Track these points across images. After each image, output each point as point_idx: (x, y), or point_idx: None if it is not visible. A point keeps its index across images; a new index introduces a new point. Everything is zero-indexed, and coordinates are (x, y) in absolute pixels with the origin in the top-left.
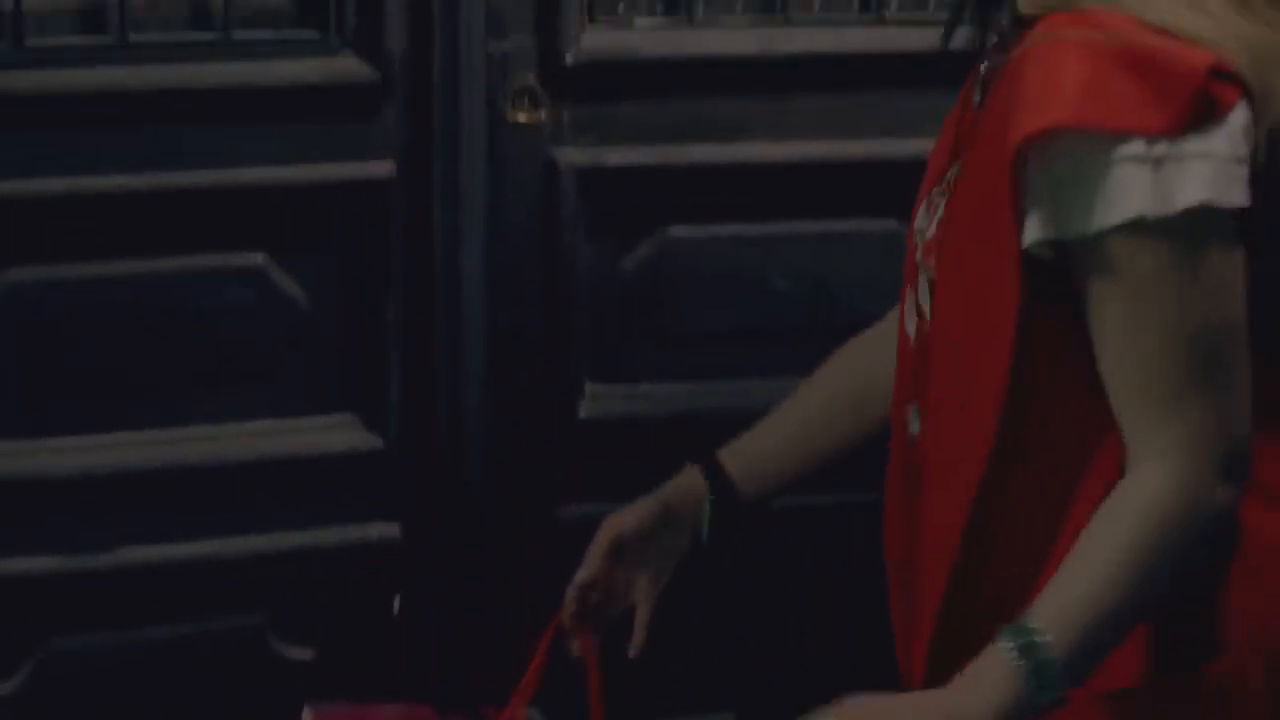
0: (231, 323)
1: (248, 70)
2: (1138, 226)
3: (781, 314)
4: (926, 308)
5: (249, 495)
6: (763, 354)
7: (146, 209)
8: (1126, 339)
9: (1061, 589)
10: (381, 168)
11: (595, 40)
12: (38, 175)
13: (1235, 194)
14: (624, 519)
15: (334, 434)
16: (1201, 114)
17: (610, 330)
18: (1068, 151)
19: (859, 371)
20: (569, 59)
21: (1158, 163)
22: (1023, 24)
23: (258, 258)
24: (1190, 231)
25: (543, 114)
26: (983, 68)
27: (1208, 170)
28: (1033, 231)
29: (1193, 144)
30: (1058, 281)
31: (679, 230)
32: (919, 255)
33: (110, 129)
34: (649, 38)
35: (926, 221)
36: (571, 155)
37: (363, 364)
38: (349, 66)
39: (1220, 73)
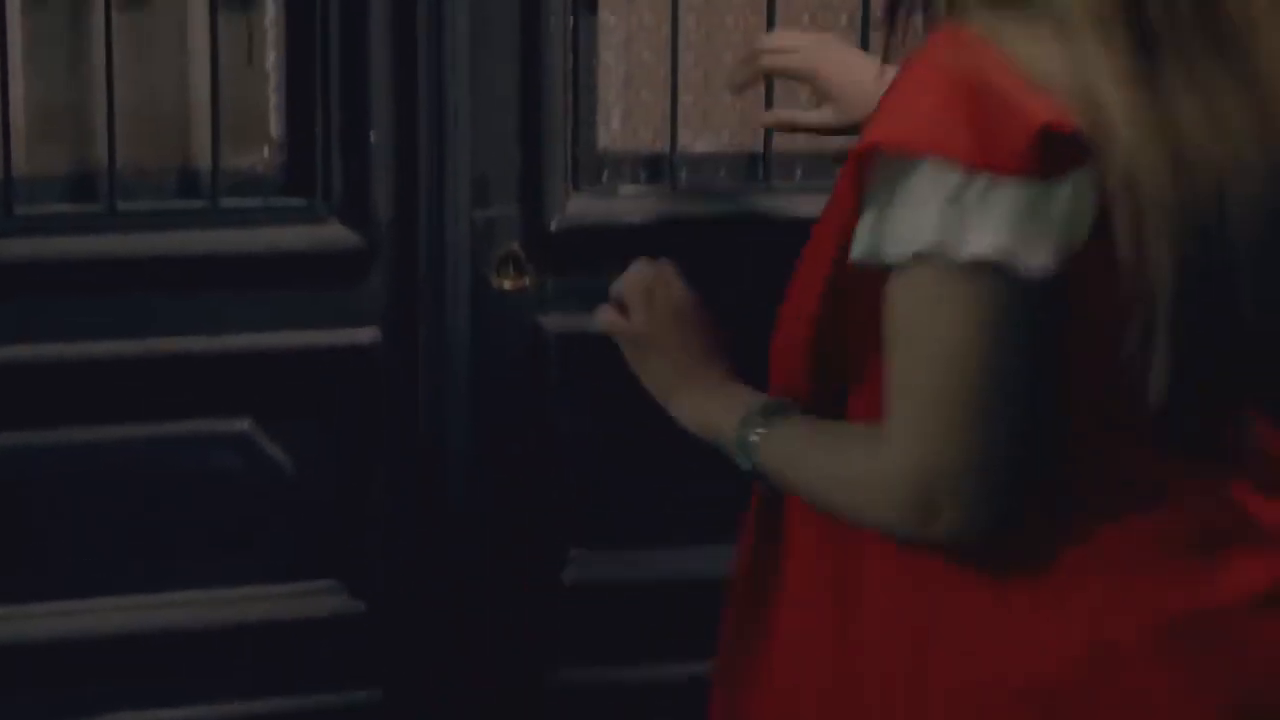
0: (217, 488)
1: (235, 237)
2: (929, 258)
3: None
4: None
5: (233, 660)
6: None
7: (134, 375)
8: (896, 353)
9: (791, 435)
10: (367, 334)
11: (580, 207)
12: (26, 341)
13: (1035, 255)
14: None
15: (318, 599)
16: (1029, 167)
17: (595, 495)
18: (896, 169)
19: None
20: (553, 226)
21: (968, 202)
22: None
23: (244, 423)
24: (981, 277)
25: (527, 280)
26: None
27: (1013, 222)
28: (856, 249)
29: (1007, 193)
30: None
31: None
32: None
33: (99, 295)
34: (633, 204)
35: None
36: (556, 321)
37: (347, 529)
38: (335, 234)
39: (1057, 131)
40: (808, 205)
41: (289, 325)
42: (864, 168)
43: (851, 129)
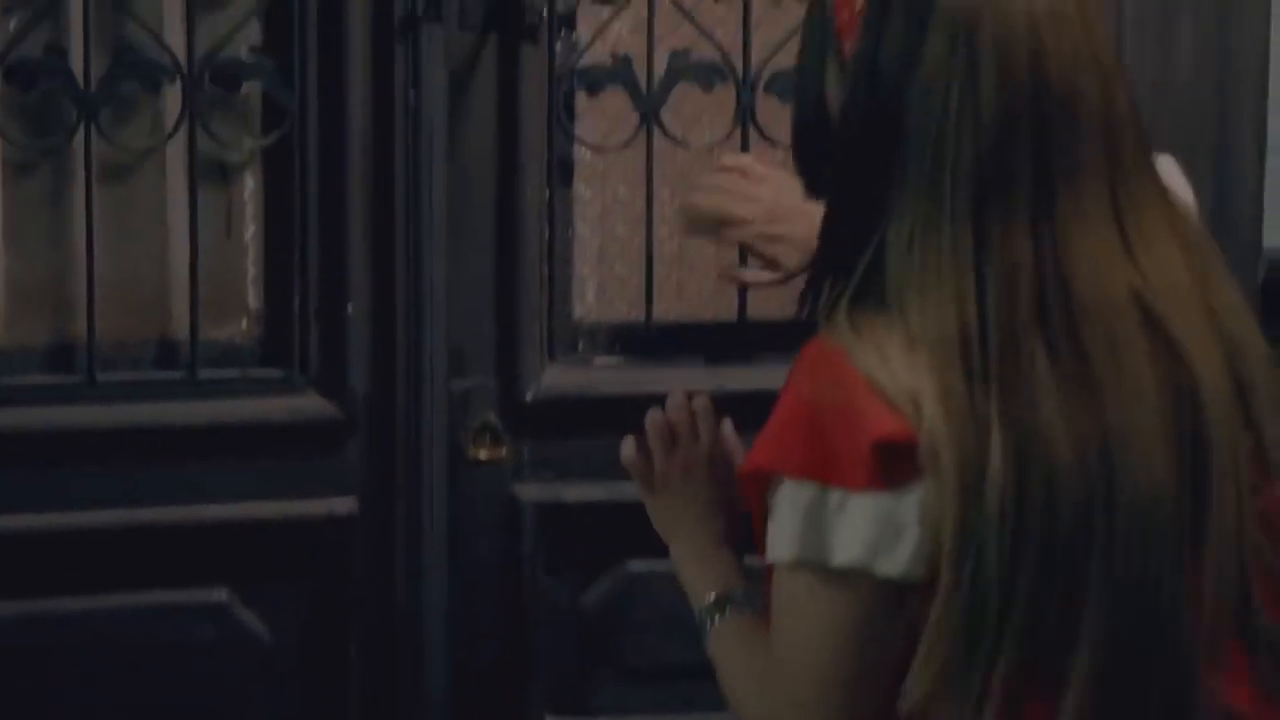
0: (195, 658)
1: (213, 409)
2: (794, 565)
3: None
4: None
5: None
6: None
7: (112, 545)
8: (778, 629)
9: (731, 633)
10: (344, 504)
11: (555, 378)
12: (3, 511)
13: (891, 562)
14: None
15: None
16: (879, 479)
17: (570, 664)
18: (769, 486)
19: None
20: (529, 396)
21: (828, 515)
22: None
23: (221, 593)
24: (841, 585)
25: (503, 450)
26: None
27: (869, 535)
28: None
29: (861, 505)
30: None
31: (637, 565)
32: None
33: (78, 466)
34: (608, 376)
35: None
36: (531, 491)
37: (325, 698)
38: (313, 405)
39: (898, 445)
40: (782, 377)
41: (267, 496)
42: (754, 494)
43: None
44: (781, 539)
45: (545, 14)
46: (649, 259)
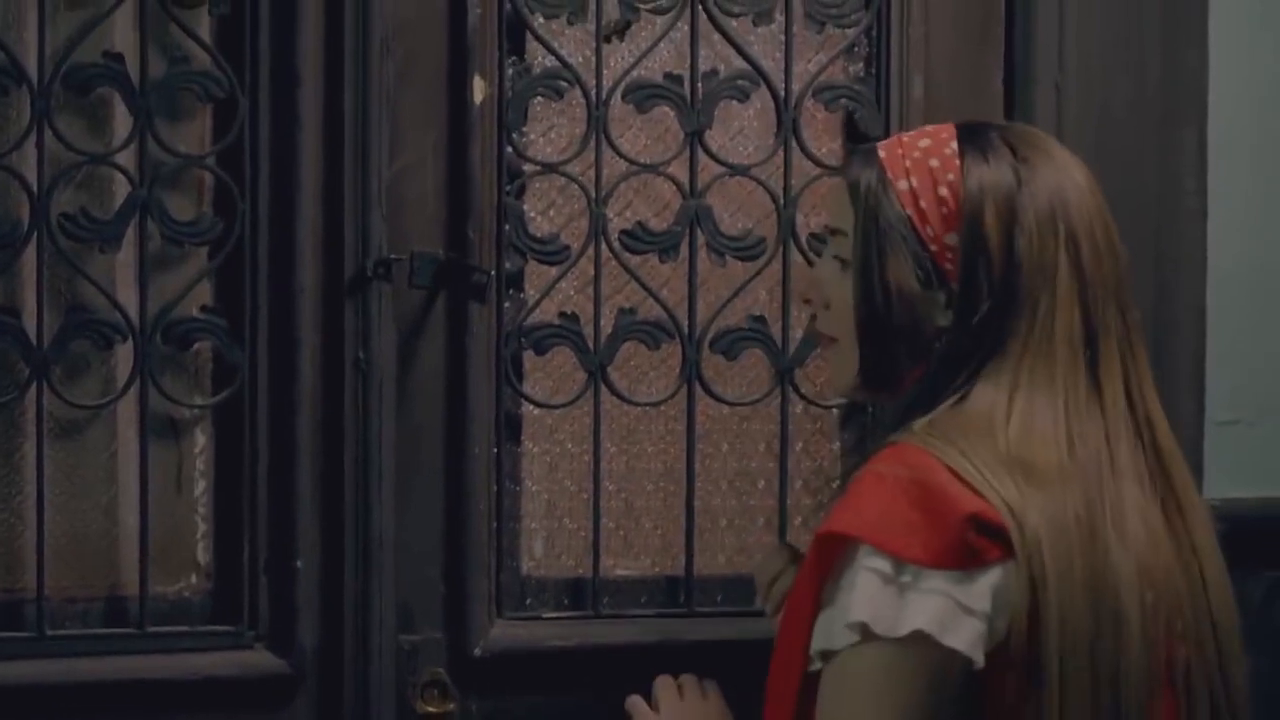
0: None
1: (163, 663)
2: (862, 631)
3: None
4: None
5: None
6: None
7: None
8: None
9: None
10: None
11: (503, 633)
12: None
13: (958, 638)
14: None
15: None
16: (957, 558)
17: None
18: (840, 561)
19: None
20: (477, 651)
21: (901, 587)
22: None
23: None
24: (905, 655)
25: (452, 705)
26: None
27: (939, 608)
28: (816, 640)
29: (934, 582)
30: None
31: None
32: None
33: None
34: (556, 629)
35: None
36: None
37: None
38: (262, 660)
39: (984, 524)
40: (729, 630)
41: None
42: (820, 557)
43: None
44: (853, 605)
45: (493, 274)
46: (596, 514)
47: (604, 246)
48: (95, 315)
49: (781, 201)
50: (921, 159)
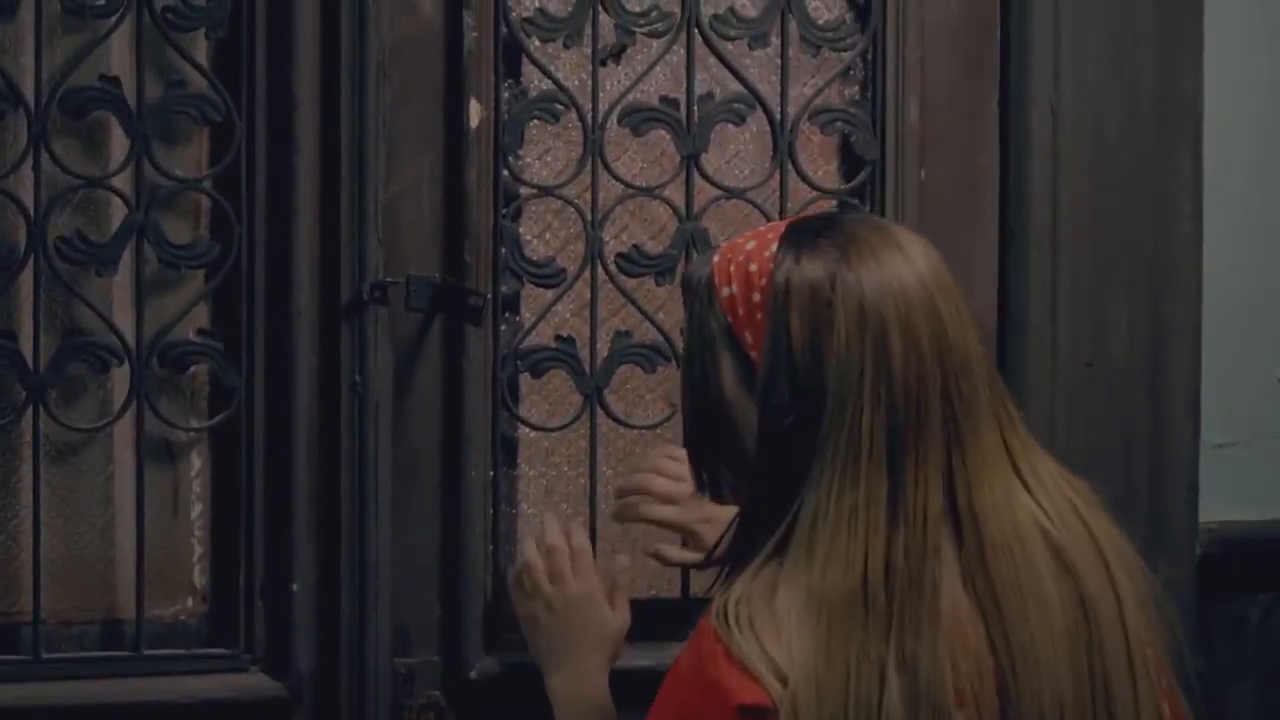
0: None
1: (158, 686)
2: None
3: None
4: None
5: None
6: None
7: None
8: None
9: None
10: None
11: (499, 657)
12: None
13: None
14: None
15: None
16: None
17: None
18: None
19: None
20: (473, 674)
21: None
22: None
23: None
24: None
25: None
26: None
27: None
28: None
29: None
30: None
31: None
32: None
33: None
34: None
35: None
36: None
37: None
38: (258, 683)
39: (751, 711)
40: None
41: None
42: None
43: None
44: None
45: (489, 297)
46: (592, 537)
47: (600, 269)
48: (92, 338)
49: None
50: (743, 263)
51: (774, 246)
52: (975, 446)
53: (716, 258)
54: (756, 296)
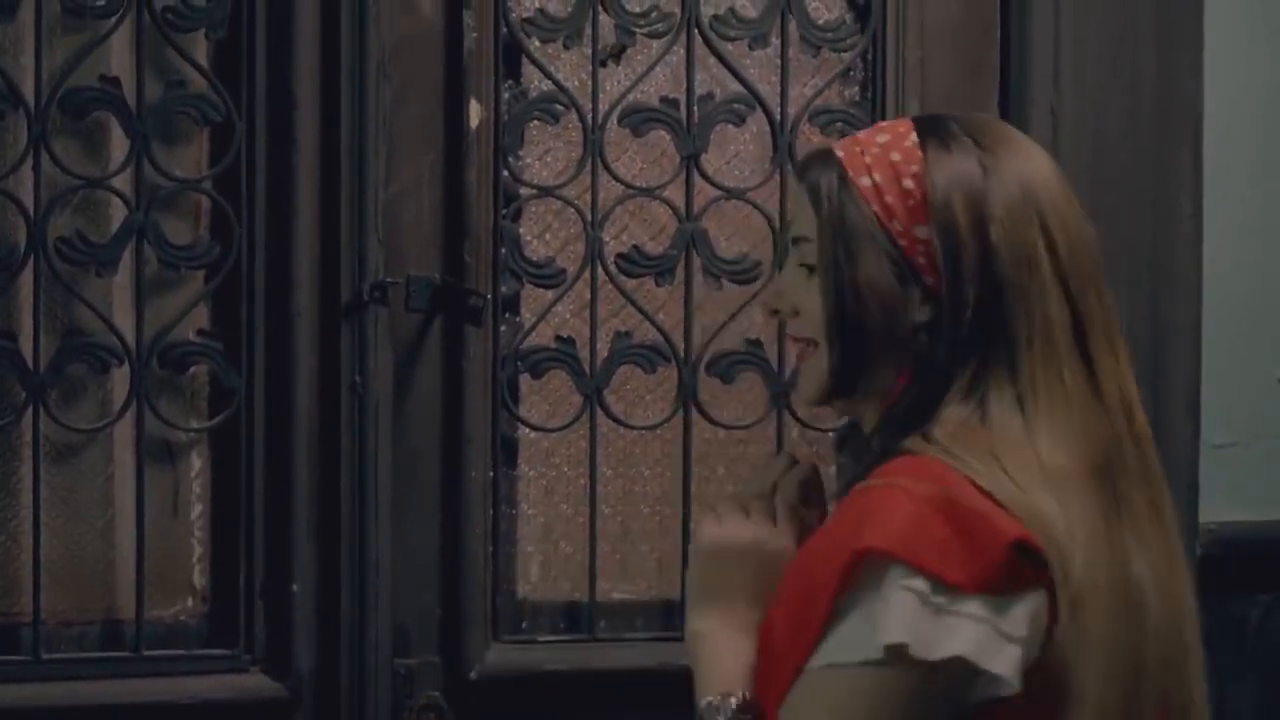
0: None
1: (158, 687)
2: (896, 653)
3: None
4: None
5: None
6: None
7: None
8: None
9: None
10: None
11: (499, 656)
12: None
13: (998, 663)
14: None
15: None
16: (995, 583)
17: None
18: (870, 576)
19: None
20: (473, 675)
21: (937, 609)
22: (883, 456)
23: None
24: (934, 679)
25: None
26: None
27: (979, 634)
28: (821, 656)
29: (973, 607)
30: None
31: None
32: None
33: None
34: (552, 653)
35: None
36: None
37: None
38: (258, 684)
39: (1026, 548)
40: None
41: None
42: (840, 567)
43: None
44: (889, 624)
45: (489, 297)
46: (592, 537)
47: (600, 270)
48: (92, 339)
49: (778, 225)
50: (881, 154)
51: (913, 137)
52: (1118, 341)
53: (840, 152)
54: (909, 183)
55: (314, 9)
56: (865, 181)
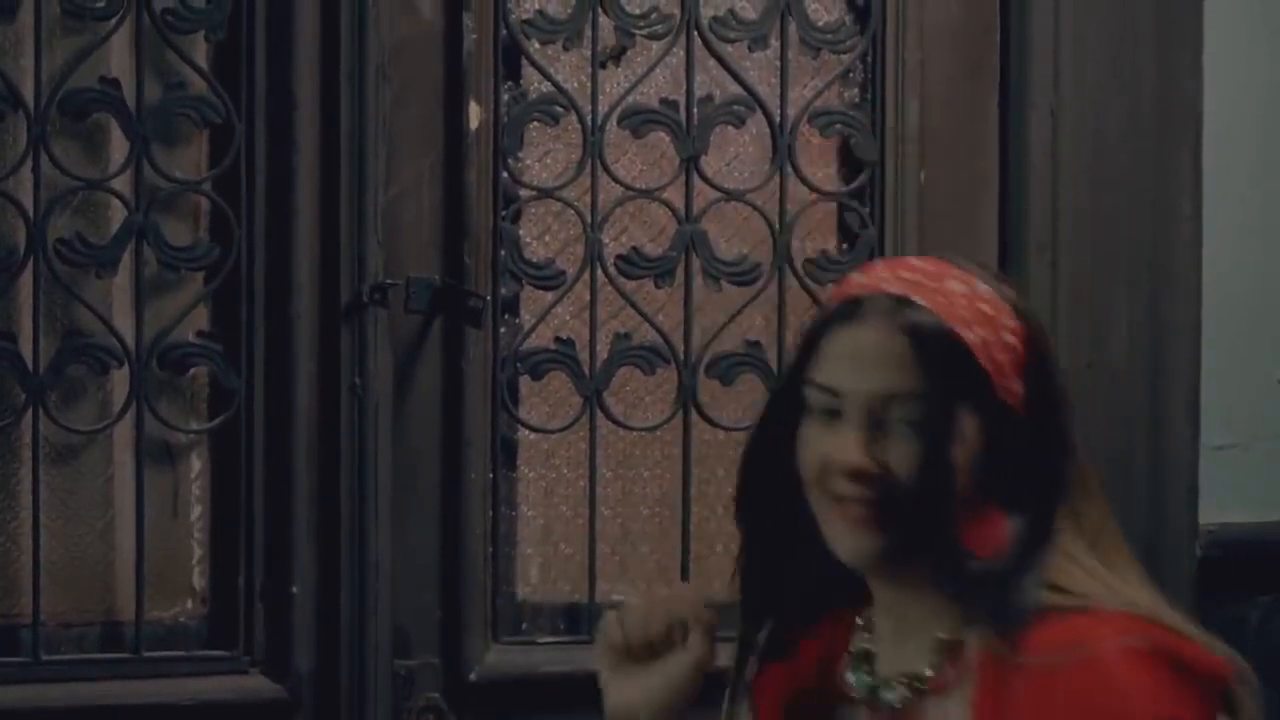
0: None
1: (158, 688)
2: None
3: None
4: None
5: None
6: None
7: None
8: None
9: None
10: None
11: (499, 658)
12: None
13: None
14: None
15: None
16: (1224, 711)
17: None
18: None
19: None
20: (473, 676)
21: None
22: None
23: None
24: None
25: None
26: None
27: None
28: None
29: None
30: None
31: None
32: None
33: None
34: (552, 655)
35: None
36: None
37: None
38: (258, 685)
39: (1238, 678)
40: (726, 655)
41: None
42: None
43: None
44: None
45: (489, 299)
46: (592, 539)
47: (600, 272)
48: (91, 340)
49: (777, 227)
50: (968, 303)
51: (977, 282)
52: None
53: (925, 300)
54: (1010, 338)
55: (314, 10)
56: (972, 337)
